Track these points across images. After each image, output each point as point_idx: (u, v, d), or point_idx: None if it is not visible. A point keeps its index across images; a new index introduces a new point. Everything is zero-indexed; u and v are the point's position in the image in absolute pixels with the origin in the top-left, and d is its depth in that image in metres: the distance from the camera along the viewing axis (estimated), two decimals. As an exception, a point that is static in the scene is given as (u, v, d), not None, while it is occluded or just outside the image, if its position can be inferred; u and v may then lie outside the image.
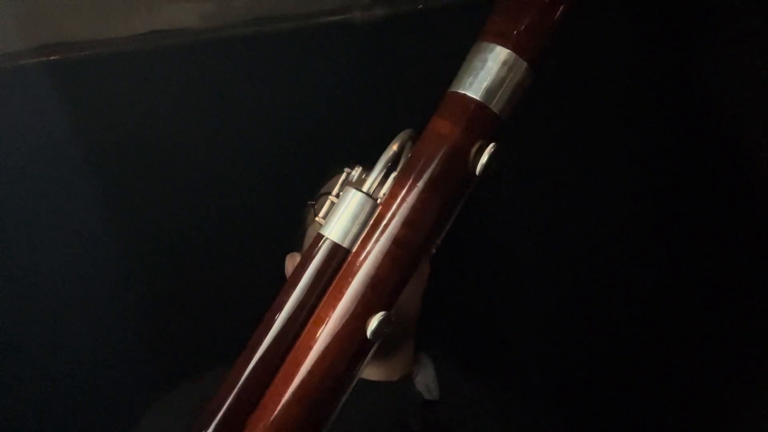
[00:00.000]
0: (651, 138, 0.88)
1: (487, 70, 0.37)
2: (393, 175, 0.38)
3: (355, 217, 0.38)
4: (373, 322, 0.37)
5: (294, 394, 0.37)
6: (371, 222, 0.38)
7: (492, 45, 0.37)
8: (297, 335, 0.38)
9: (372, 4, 0.86)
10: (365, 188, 0.38)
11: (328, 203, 0.40)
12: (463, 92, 0.38)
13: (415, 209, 0.37)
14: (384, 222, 0.38)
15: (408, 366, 0.70)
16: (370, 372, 0.68)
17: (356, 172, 0.40)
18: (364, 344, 0.38)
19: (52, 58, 0.83)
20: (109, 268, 0.87)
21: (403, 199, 0.37)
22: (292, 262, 0.75)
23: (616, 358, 0.87)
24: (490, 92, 0.37)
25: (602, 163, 0.88)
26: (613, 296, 0.88)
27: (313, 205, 0.70)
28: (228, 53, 0.86)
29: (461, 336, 0.87)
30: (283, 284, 0.75)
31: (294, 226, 0.75)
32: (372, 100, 0.88)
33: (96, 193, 0.87)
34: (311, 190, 0.74)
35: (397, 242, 0.37)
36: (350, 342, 0.38)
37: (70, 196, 0.86)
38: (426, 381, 0.69)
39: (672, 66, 0.85)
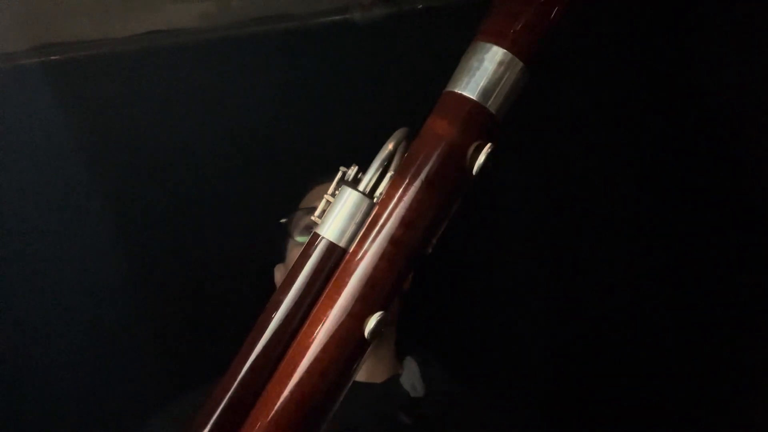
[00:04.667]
0: (649, 137, 0.88)
1: (483, 70, 0.37)
2: (389, 174, 0.38)
3: (352, 216, 0.38)
4: (371, 322, 0.37)
5: (291, 394, 0.37)
6: (368, 221, 0.38)
7: (488, 45, 0.37)
8: (294, 335, 0.38)
9: (372, 4, 0.86)
10: (361, 187, 0.38)
11: (323, 202, 0.40)
12: (459, 92, 0.37)
13: (412, 209, 0.37)
14: (381, 221, 0.37)
15: (393, 367, 0.71)
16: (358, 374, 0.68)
17: (352, 171, 0.40)
18: (362, 344, 0.38)
19: (52, 58, 0.83)
20: (110, 267, 0.87)
21: (400, 199, 0.37)
22: (280, 273, 0.75)
23: (604, 360, 0.87)
24: (487, 92, 0.37)
25: (598, 163, 0.88)
26: (601, 298, 0.87)
27: (289, 223, 0.70)
28: (228, 53, 0.86)
29: (448, 339, 0.87)
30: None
31: (279, 237, 0.75)
32: (372, 99, 0.88)
33: (95, 192, 0.87)
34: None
35: (394, 242, 0.37)
36: (348, 342, 0.37)
37: (69, 196, 0.86)
38: (412, 381, 0.70)
39: (670, 64, 0.85)
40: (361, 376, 0.68)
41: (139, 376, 0.85)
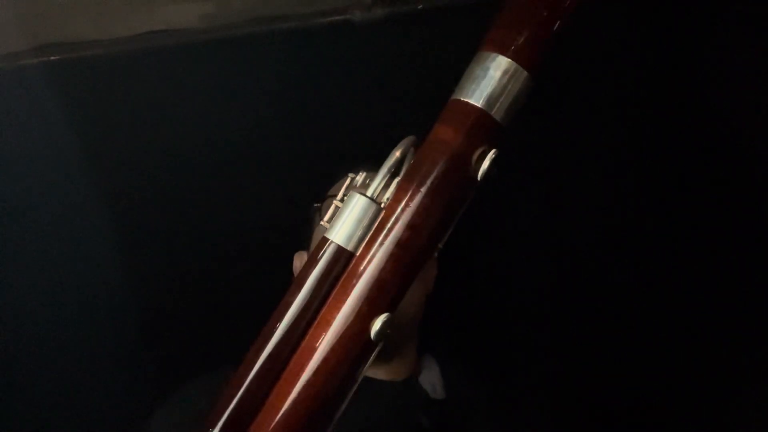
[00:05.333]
0: (651, 139, 0.88)
1: (488, 79, 0.38)
2: (396, 180, 0.39)
3: (360, 220, 0.39)
4: (377, 324, 0.38)
5: (299, 394, 0.38)
6: (375, 225, 0.39)
7: (494, 54, 0.38)
8: (302, 336, 0.39)
9: (372, 4, 0.86)
10: (369, 193, 0.39)
11: (332, 207, 0.41)
12: (465, 100, 0.38)
13: (418, 213, 0.38)
14: (388, 226, 0.38)
15: (412, 366, 0.72)
16: (375, 372, 0.69)
17: (360, 177, 0.40)
18: (368, 345, 0.38)
19: (52, 58, 0.83)
20: (111, 267, 0.87)
21: (407, 204, 0.38)
22: (300, 260, 0.76)
23: (622, 359, 0.87)
24: (492, 100, 0.38)
25: (602, 167, 0.88)
26: (618, 299, 0.88)
27: (320, 207, 0.70)
28: (228, 53, 0.86)
29: (467, 338, 0.87)
30: (290, 283, 0.76)
31: (300, 226, 0.75)
32: (372, 100, 0.88)
33: (96, 193, 0.87)
34: (312, 190, 0.74)
35: (400, 245, 0.38)
36: (354, 343, 0.38)
37: (70, 196, 0.86)
38: (431, 381, 0.71)
39: (673, 70, 0.85)
40: (382, 374, 0.69)
41: (143, 376, 0.85)
